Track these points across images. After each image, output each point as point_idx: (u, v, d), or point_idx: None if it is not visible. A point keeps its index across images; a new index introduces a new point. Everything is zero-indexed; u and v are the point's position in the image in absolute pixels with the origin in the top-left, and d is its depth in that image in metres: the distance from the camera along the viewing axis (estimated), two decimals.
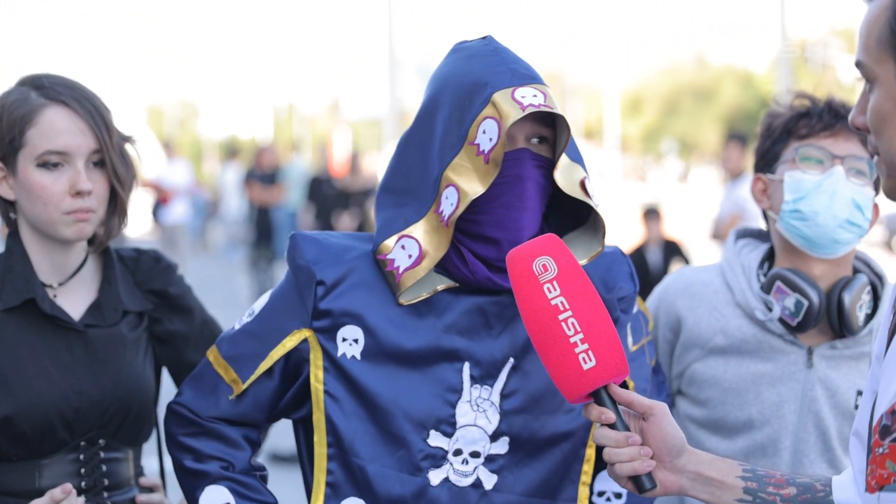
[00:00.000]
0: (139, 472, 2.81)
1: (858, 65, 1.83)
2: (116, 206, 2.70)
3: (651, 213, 13.52)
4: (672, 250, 13.55)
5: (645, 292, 3.66)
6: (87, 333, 2.68)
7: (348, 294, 2.38)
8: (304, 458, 2.48)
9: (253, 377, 2.43)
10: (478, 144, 2.29)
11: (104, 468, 2.70)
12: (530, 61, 2.40)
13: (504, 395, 2.38)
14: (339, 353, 2.38)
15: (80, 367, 2.65)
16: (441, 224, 2.33)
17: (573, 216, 2.48)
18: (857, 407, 2.88)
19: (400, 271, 2.35)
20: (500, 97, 2.29)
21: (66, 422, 2.61)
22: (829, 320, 2.90)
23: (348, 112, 51.52)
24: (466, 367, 2.37)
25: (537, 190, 2.37)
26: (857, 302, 2.88)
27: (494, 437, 2.38)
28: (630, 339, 2.52)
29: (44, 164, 2.62)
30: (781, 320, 2.90)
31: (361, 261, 2.40)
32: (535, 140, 2.37)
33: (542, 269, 2.15)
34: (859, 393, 2.90)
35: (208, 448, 2.46)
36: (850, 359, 2.91)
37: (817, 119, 2.92)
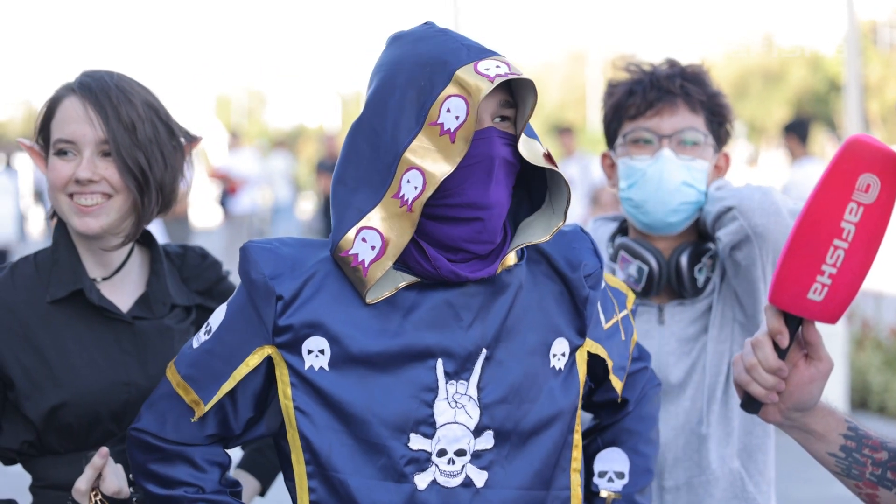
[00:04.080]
0: None
1: None
2: (143, 200, 2.63)
3: None
4: None
5: None
6: (135, 325, 2.65)
7: (308, 304, 2.27)
8: (287, 477, 2.37)
9: (216, 398, 2.31)
10: (441, 124, 2.19)
11: None
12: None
13: (480, 388, 2.28)
14: (307, 367, 2.27)
15: (128, 358, 2.63)
16: (402, 209, 2.22)
17: (532, 199, 2.40)
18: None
19: (366, 265, 2.23)
20: (463, 73, 2.19)
21: (113, 413, 2.59)
22: (670, 283, 3.03)
23: None
24: (439, 363, 2.27)
25: (505, 167, 2.26)
26: (694, 265, 3.01)
27: (477, 433, 2.28)
28: (602, 318, 2.44)
29: (59, 152, 2.63)
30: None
31: (318, 267, 2.29)
32: (497, 119, 2.26)
33: (865, 188, 1.97)
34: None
35: (176, 473, 2.36)
36: (699, 313, 3.04)
37: (641, 98, 2.98)
